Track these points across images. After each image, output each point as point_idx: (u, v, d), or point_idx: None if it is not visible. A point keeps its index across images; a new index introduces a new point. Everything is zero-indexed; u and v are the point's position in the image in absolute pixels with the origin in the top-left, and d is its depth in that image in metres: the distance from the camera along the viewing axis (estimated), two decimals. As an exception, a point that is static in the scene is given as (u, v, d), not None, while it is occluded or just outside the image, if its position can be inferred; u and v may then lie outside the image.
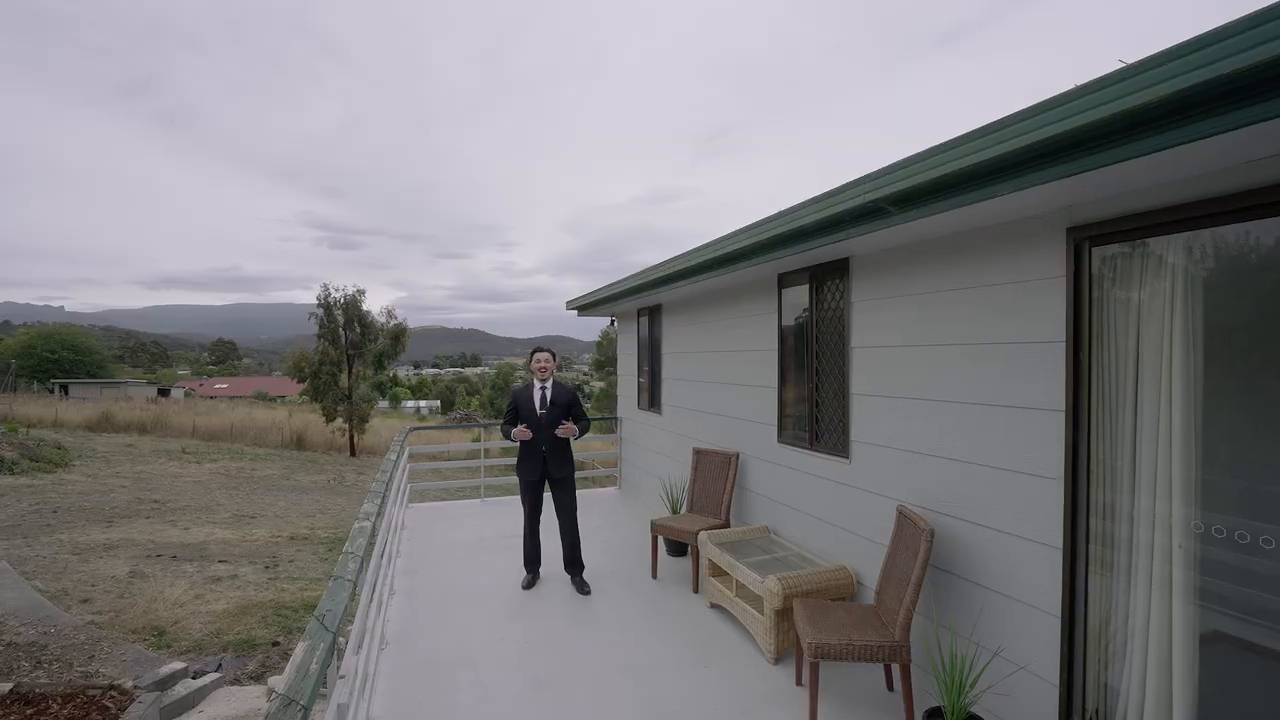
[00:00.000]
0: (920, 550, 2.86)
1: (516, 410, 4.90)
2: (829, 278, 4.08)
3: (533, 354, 5.02)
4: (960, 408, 3.01)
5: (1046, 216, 2.57)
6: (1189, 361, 2.13)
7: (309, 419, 27.33)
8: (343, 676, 2.09)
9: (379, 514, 3.42)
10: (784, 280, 4.59)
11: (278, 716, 1.41)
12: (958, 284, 3.03)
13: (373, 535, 3.07)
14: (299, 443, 25.65)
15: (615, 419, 8.84)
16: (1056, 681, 2.51)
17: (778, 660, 3.58)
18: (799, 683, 3.35)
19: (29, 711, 5.19)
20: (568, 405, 4.89)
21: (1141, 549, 2.28)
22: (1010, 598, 2.74)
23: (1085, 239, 2.42)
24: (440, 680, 3.45)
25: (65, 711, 5.19)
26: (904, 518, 3.18)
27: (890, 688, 3.28)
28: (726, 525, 4.96)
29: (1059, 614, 2.51)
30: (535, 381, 4.93)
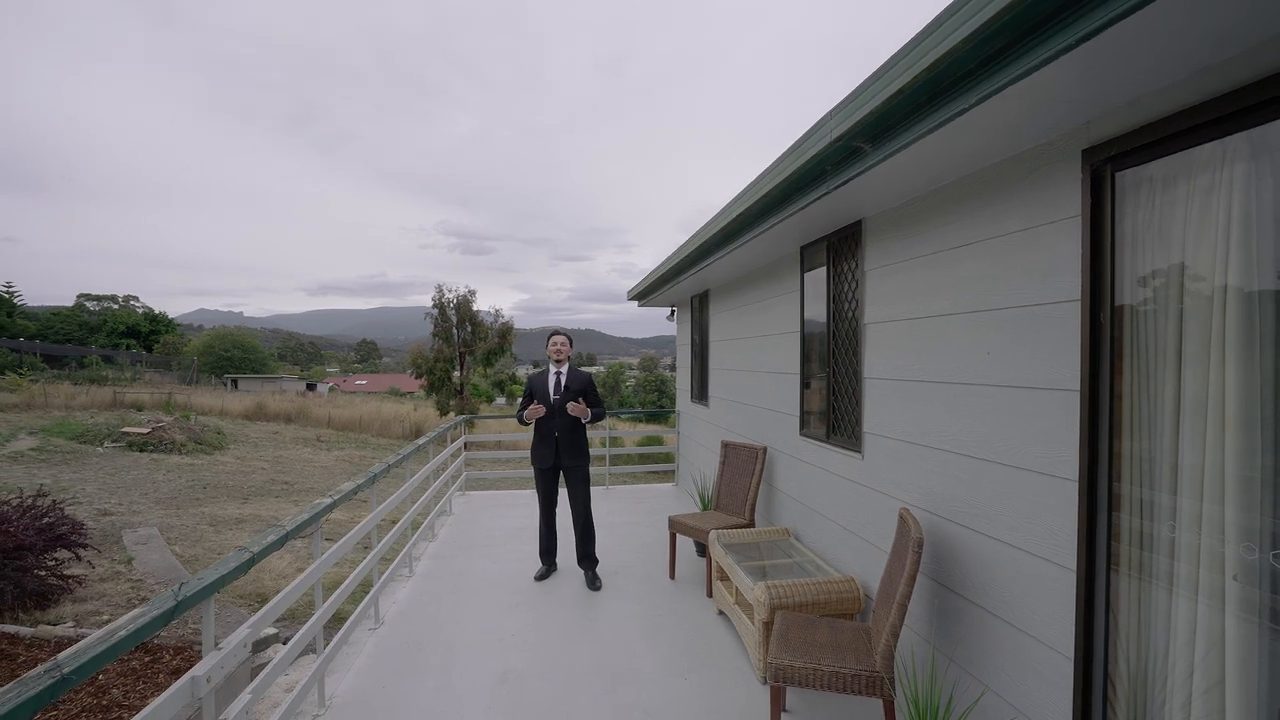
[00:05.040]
0: (908, 562, 2.34)
1: (532, 397, 4.78)
2: (845, 247, 3.55)
3: (549, 337, 4.88)
4: (964, 390, 2.44)
5: (1061, 141, 1.98)
6: (1251, 320, 1.51)
7: (428, 413, 29.37)
8: (219, 648, 2.03)
9: (353, 493, 3.42)
10: (806, 255, 4.08)
11: (27, 683, 1.33)
12: (965, 238, 2.45)
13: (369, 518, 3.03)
14: (417, 434, 27.68)
15: (676, 412, 8.55)
16: (1068, 742, 1.93)
17: (766, 679, 3.14)
18: (784, 707, 2.90)
19: (147, 659, 5.92)
20: (582, 391, 4.70)
21: (1184, 579, 1.67)
22: (1016, 628, 2.16)
23: (1105, 161, 1.82)
24: (414, 665, 3.39)
25: (175, 662, 5.86)
26: (903, 522, 2.64)
27: (888, 724, 2.75)
28: (750, 525, 4.51)
29: (1071, 654, 1.92)
30: (551, 366, 4.78)
